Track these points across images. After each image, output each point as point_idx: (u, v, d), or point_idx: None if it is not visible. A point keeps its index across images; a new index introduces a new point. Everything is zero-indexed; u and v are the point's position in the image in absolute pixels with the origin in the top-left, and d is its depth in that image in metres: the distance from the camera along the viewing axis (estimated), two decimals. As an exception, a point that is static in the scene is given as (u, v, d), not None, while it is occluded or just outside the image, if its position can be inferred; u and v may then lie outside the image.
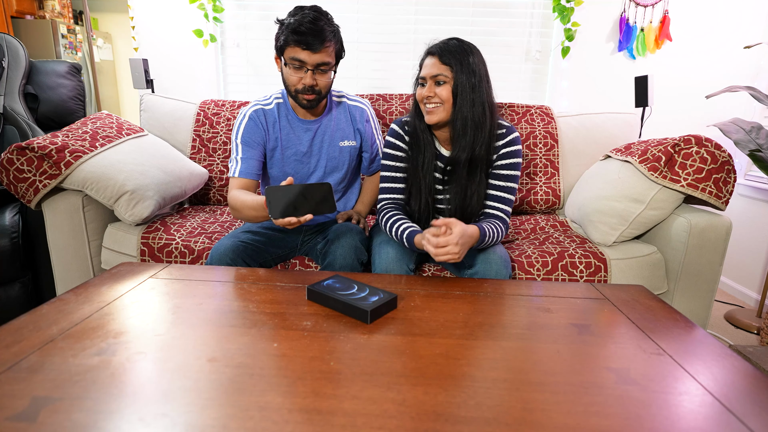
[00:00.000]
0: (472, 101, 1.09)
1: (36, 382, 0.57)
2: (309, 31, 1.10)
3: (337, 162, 1.34)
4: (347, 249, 1.16)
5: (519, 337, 0.73)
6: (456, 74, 1.07)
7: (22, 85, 1.84)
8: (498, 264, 1.09)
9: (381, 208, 1.22)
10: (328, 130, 1.32)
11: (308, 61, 1.13)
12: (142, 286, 0.90)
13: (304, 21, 1.10)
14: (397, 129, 1.22)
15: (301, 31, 1.09)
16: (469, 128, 1.10)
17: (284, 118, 1.29)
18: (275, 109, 1.29)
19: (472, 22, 2.32)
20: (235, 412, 0.52)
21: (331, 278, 0.90)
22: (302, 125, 1.30)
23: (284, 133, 1.29)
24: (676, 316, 0.83)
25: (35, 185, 1.32)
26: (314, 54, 1.12)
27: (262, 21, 2.35)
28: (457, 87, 1.08)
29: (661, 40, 2.23)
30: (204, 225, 1.49)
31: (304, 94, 1.18)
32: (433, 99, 1.10)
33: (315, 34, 1.10)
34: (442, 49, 1.09)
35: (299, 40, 1.10)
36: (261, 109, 1.28)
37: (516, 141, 1.17)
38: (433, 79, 1.09)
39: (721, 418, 0.54)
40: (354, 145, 1.35)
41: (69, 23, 3.91)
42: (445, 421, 0.52)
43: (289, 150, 1.30)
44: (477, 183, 1.16)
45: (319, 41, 1.11)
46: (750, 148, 1.57)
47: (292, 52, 1.13)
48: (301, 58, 1.13)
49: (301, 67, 1.14)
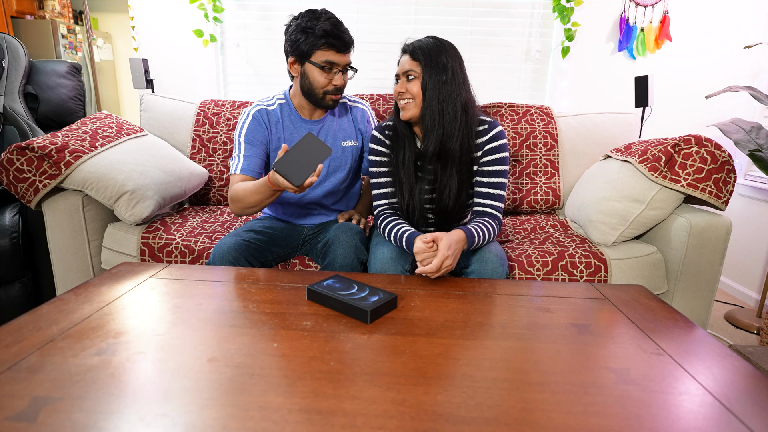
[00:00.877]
0: (440, 97, 1.10)
1: (36, 382, 0.57)
2: (341, 34, 1.17)
3: (339, 162, 1.34)
4: (347, 248, 1.16)
5: (519, 337, 0.73)
6: (424, 70, 1.09)
7: (22, 85, 1.84)
8: (494, 262, 1.09)
9: (378, 214, 1.23)
10: (331, 130, 1.33)
11: (340, 63, 1.19)
12: (142, 286, 0.90)
13: (333, 24, 1.17)
14: (377, 135, 1.24)
15: (335, 34, 1.16)
16: (437, 123, 1.11)
17: (287, 118, 1.30)
18: (278, 110, 1.30)
19: (472, 22, 2.32)
20: (235, 412, 0.52)
21: (331, 278, 0.90)
22: (305, 125, 1.31)
23: (287, 133, 1.30)
24: (676, 316, 0.83)
25: (35, 185, 1.32)
26: (344, 55, 1.20)
27: (262, 21, 2.35)
28: (425, 83, 1.10)
29: (661, 40, 2.23)
30: (204, 225, 1.49)
31: (333, 94, 1.23)
32: (405, 95, 1.13)
33: (346, 37, 1.18)
34: (413, 47, 1.12)
35: (333, 43, 1.16)
36: (264, 109, 1.29)
37: (500, 135, 1.16)
38: (405, 75, 1.12)
39: (721, 418, 0.54)
40: (356, 145, 1.36)
41: (69, 23, 3.91)
42: (445, 421, 0.52)
43: None
44: (448, 177, 1.16)
45: (349, 43, 1.19)
46: (750, 148, 1.57)
47: (324, 55, 1.18)
48: (334, 60, 1.18)
49: (332, 68, 1.20)
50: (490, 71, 2.38)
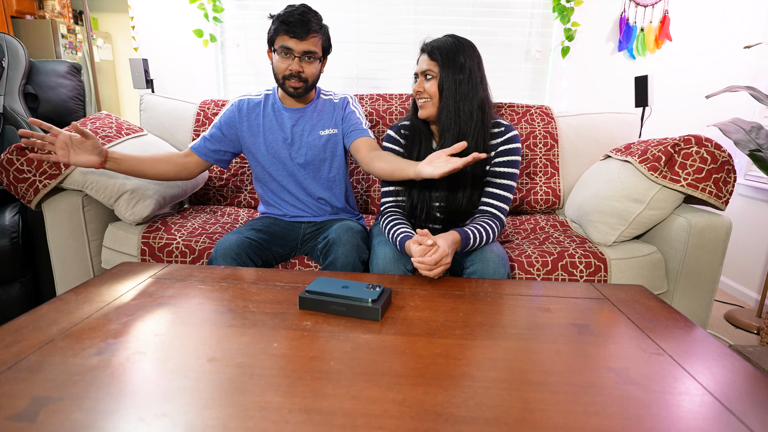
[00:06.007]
0: (456, 96, 1.11)
1: (36, 382, 0.57)
2: (297, 22, 1.20)
3: (317, 150, 1.36)
4: (349, 248, 1.17)
5: (519, 337, 0.73)
6: (441, 70, 1.10)
7: (22, 85, 1.84)
8: (495, 263, 1.09)
9: (383, 211, 1.24)
10: (310, 119, 1.37)
11: (295, 49, 1.22)
12: (142, 286, 0.90)
13: (294, 12, 1.20)
14: (392, 134, 1.26)
15: (290, 21, 1.19)
16: (454, 122, 1.12)
17: (270, 106, 1.37)
18: (262, 100, 1.38)
19: (472, 22, 2.32)
20: (235, 412, 0.52)
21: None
22: (286, 113, 1.36)
23: (267, 120, 1.36)
24: (676, 316, 0.83)
25: (35, 185, 1.32)
26: (301, 42, 1.22)
27: (262, 21, 2.35)
28: (442, 82, 1.10)
29: (661, 40, 2.23)
30: (205, 225, 1.49)
31: (291, 80, 1.26)
32: (423, 94, 1.14)
33: (302, 24, 1.20)
34: (432, 46, 1.13)
35: (287, 29, 1.20)
36: (246, 100, 1.38)
37: (514, 139, 1.18)
38: (423, 74, 1.14)
39: (721, 418, 0.54)
40: (335, 133, 1.37)
41: (69, 23, 3.91)
42: (445, 421, 0.52)
43: (270, 135, 1.35)
44: (463, 178, 1.17)
45: (305, 30, 1.21)
46: (750, 148, 1.57)
47: (281, 40, 1.22)
48: (289, 46, 1.22)
49: (289, 54, 1.23)
50: (490, 71, 2.33)
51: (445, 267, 0.97)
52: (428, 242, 0.98)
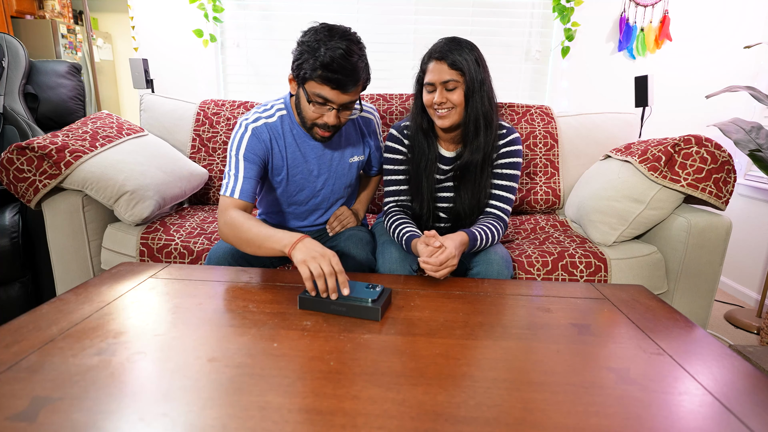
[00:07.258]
0: (482, 100, 1.10)
1: (36, 382, 0.57)
2: (341, 69, 0.94)
3: (344, 179, 1.26)
4: (358, 262, 1.16)
5: (519, 337, 0.73)
6: (467, 78, 1.06)
7: (22, 85, 1.84)
8: (499, 264, 1.09)
9: (387, 210, 1.24)
10: (338, 144, 1.21)
11: (336, 101, 1.00)
12: (142, 286, 0.90)
13: (336, 56, 0.93)
14: (396, 134, 1.23)
15: (333, 68, 0.94)
16: (482, 128, 1.11)
17: (289, 134, 1.14)
18: (278, 123, 1.13)
19: (472, 22, 2.32)
20: (235, 412, 0.52)
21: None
22: (309, 142, 1.17)
23: (290, 151, 1.15)
24: (676, 316, 0.83)
25: (35, 185, 1.32)
26: (342, 94, 0.99)
27: (262, 21, 2.35)
28: (469, 90, 1.07)
29: (661, 40, 2.23)
30: (203, 225, 1.49)
31: (321, 129, 1.06)
32: (446, 104, 1.08)
33: (347, 74, 0.95)
34: (447, 54, 1.06)
35: (329, 78, 0.95)
36: (264, 125, 1.12)
37: (516, 141, 1.18)
38: (443, 85, 1.06)
39: (721, 418, 0.54)
40: (362, 159, 1.28)
41: (69, 23, 3.91)
42: (445, 421, 0.52)
43: (295, 169, 1.17)
44: (470, 182, 1.17)
45: (352, 82, 0.97)
46: (750, 148, 1.57)
47: (317, 88, 0.98)
48: (329, 98, 0.99)
49: (325, 104, 1.01)
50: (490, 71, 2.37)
51: (451, 268, 0.96)
52: (436, 244, 0.98)
